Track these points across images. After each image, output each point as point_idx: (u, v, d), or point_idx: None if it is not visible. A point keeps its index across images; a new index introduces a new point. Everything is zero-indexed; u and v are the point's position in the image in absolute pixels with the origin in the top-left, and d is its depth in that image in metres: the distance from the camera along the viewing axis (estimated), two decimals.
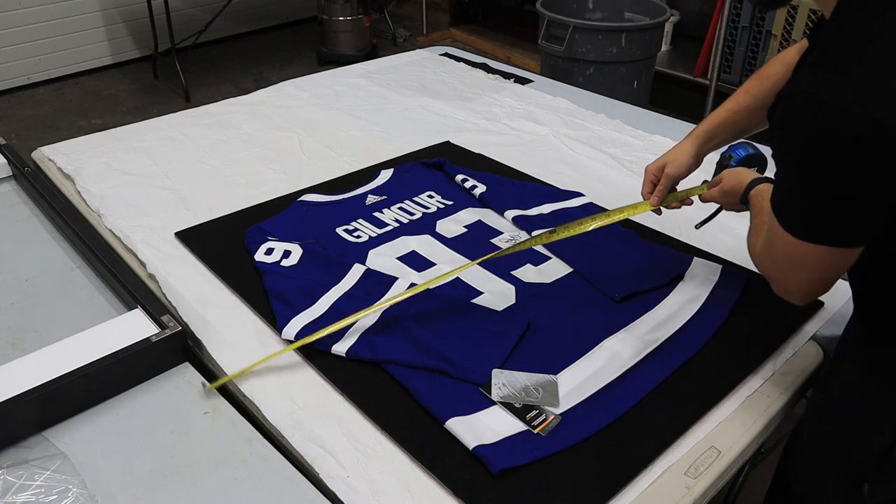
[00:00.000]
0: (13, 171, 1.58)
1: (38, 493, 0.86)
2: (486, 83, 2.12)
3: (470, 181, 1.52)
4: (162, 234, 1.37)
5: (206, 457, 0.93)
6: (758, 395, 1.02)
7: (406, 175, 1.57)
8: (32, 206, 1.49)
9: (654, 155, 1.26)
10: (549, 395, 0.98)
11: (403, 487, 0.88)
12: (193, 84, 3.96)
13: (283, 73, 4.18)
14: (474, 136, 1.78)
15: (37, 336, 1.13)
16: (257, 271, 1.23)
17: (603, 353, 1.06)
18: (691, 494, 0.88)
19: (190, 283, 1.24)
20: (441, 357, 1.04)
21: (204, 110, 1.95)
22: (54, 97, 3.97)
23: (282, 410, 0.99)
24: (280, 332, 1.10)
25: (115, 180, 1.57)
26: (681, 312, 1.14)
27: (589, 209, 1.42)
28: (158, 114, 1.95)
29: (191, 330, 1.13)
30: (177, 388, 1.04)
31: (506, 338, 1.08)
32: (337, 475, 0.89)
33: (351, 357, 1.06)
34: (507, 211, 1.42)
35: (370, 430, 0.96)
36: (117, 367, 1.00)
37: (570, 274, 1.25)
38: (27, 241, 1.38)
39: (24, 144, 3.08)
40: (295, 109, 1.93)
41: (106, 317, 1.13)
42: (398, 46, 4.66)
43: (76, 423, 0.97)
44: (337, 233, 1.37)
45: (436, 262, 1.28)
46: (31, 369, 0.98)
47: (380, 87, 2.10)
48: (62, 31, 4.06)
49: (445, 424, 0.94)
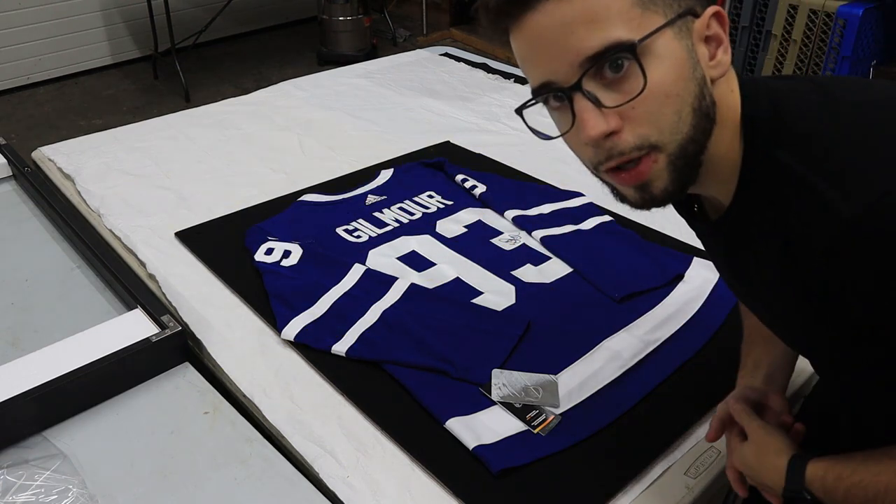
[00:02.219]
0: (13, 171, 1.58)
1: (38, 493, 0.86)
2: (486, 83, 2.12)
3: (470, 181, 1.52)
4: (162, 234, 1.37)
5: (206, 457, 0.93)
6: None
7: (406, 175, 1.57)
8: (32, 206, 1.49)
9: None
10: (549, 395, 0.98)
11: (403, 487, 0.88)
12: (193, 84, 3.95)
13: (283, 73, 4.18)
14: (474, 136, 1.78)
15: (37, 336, 1.13)
16: (257, 271, 1.23)
17: (603, 353, 1.06)
18: (691, 494, 0.88)
19: (190, 283, 1.24)
20: (441, 357, 1.04)
21: (204, 110, 1.95)
22: (54, 97, 3.97)
23: (282, 410, 0.99)
24: (280, 333, 1.10)
25: (115, 180, 1.57)
26: (681, 312, 1.14)
27: (589, 209, 1.42)
28: (158, 114, 1.95)
29: (191, 330, 1.13)
30: (177, 388, 1.03)
31: (506, 338, 1.08)
32: (337, 475, 0.89)
33: (351, 357, 1.06)
34: (507, 211, 1.42)
35: (370, 430, 0.96)
36: (117, 367, 1.00)
37: (570, 274, 1.25)
38: (27, 241, 1.38)
39: (24, 144, 3.07)
40: (295, 109, 1.93)
41: (106, 317, 1.13)
42: (398, 46, 4.65)
43: (76, 423, 0.97)
44: (337, 233, 1.37)
45: (436, 262, 1.28)
46: (31, 369, 0.98)
47: (380, 87, 2.10)
48: (62, 31, 4.05)
49: (445, 424, 0.94)
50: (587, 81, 0.61)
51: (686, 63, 0.61)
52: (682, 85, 0.61)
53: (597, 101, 0.61)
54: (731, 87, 0.66)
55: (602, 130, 0.61)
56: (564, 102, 0.63)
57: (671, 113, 0.61)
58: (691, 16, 0.62)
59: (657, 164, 0.63)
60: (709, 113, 0.63)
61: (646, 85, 0.59)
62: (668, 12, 0.60)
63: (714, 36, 0.63)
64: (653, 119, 0.61)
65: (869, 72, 2.98)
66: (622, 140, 0.62)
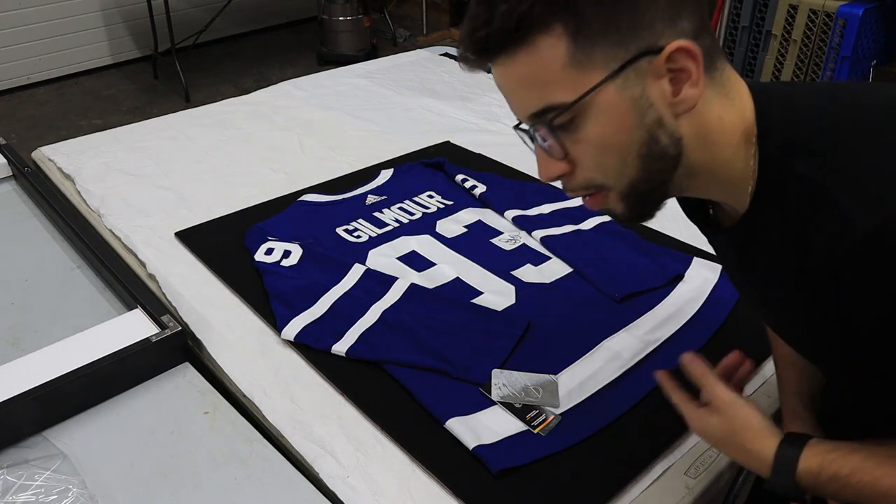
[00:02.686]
0: (13, 171, 1.58)
1: (38, 493, 0.86)
2: (486, 83, 2.12)
3: (470, 181, 1.52)
4: (162, 234, 1.37)
5: (206, 457, 0.93)
6: (758, 396, 1.02)
7: (406, 175, 1.57)
8: (32, 206, 1.49)
9: None
10: (549, 395, 0.98)
11: (403, 487, 0.88)
12: (193, 84, 3.95)
13: (283, 73, 4.18)
14: (474, 136, 1.78)
15: (37, 336, 1.13)
16: (257, 271, 1.23)
17: (603, 353, 1.06)
18: (691, 494, 0.88)
19: (190, 283, 1.24)
20: (441, 357, 1.04)
21: (204, 110, 1.95)
22: (54, 97, 3.97)
23: (282, 410, 0.99)
24: (280, 333, 1.10)
25: (115, 180, 1.57)
26: (681, 312, 1.14)
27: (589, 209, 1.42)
28: (158, 114, 1.95)
29: (191, 330, 1.13)
30: (177, 388, 1.03)
31: (506, 338, 1.08)
32: (337, 475, 0.89)
33: (351, 357, 1.06)
34: (507, 211, 1.42)
35: (370, 430, 0.96)
36: (117, 367, 1.00)
37: (570, 274, 1.25)
38: (27, 241, 1.38)
39: (24, 144, 3.07)
40: (295, 109, 1.93)
41: (106, 317, 1.13)
42: (398, 46, 4.65)
43: (76, 423, 0.97)
44: (337, 233, 1.37)
45: (436, 262, 1.28)
46: (31, 369, 0.98)
47: (380, 87, 2.10)
48: (62, 31, 4.05)
49: (445, 424, 0.94)
50: (538, 130, 0.65)
51: (628, 114, 0.62)
52: (625, 135, 0.63)
53: (546, 148, 0.66)
54: (734, 103, 0.64)
55: (550, 175, 0.68)
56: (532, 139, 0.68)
57: (614, 161, 0.65)
58: (649, 54, 0.60)
59: (608, 199, 0.69)
60: (666, 152, 0.64)
61: (583, 139, 0.64)
62: (611, 64, 0.60)
63: (680, 69, 0.61)
64: (595, 167, 0.66)
65: (869, 72, 2.98)
66: (572, 181, 0.68)
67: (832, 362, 0.73)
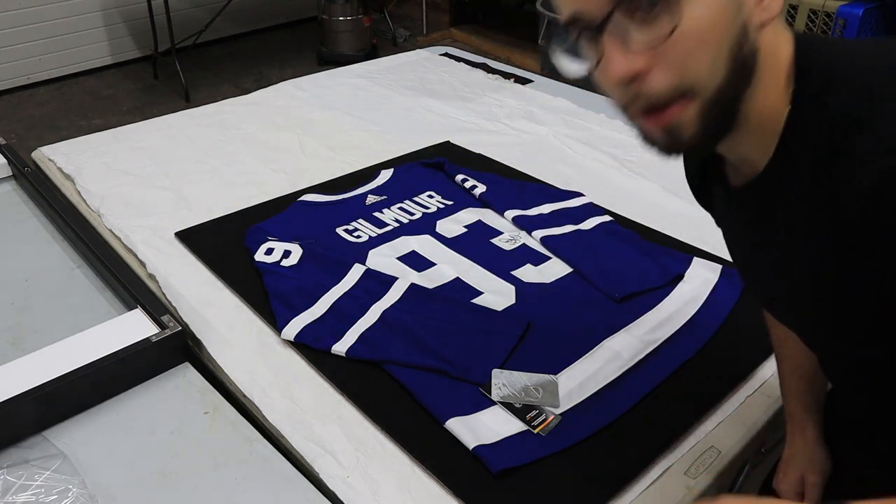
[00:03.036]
0: (13, 171, 1.58)
1: (38, 493, 0.86)
2: (486, 83, 2.12)
3: (470, 181, 1.52)
4: (162, 234, 1.37)
5: (206, 457, 0.93)
6: (758, 395, 1.02)
7: (406, 175, 1.57)
8: (32, 206, 1.49)
9: (654, 155, 1.25)
10: (549, 395, 0.98)
11: (403, 487, 0.88)
12: (193, 84, 3.95)
13: (283, 73, 4.18)
14: (474, 136, 1.78)
15: (37, 336, 1.13)
16: (257, 271, 1.23)
17: (603, 353, 1.06)
18: (691, 494, 0.88)
19: (190, 283, 1.24)
20: (441, 357, 1.04)
21: (204, 110, 1.95)
22: (54, 97, 3.97)
23: (282, 410, 0.99)
24: (280, 333, 1.10)
25: (115, 180, 1.57)
26: (681, 312, 1.14)
27: (589, 209, 1.42)
28: (158, 114, 1.95)
29: (191, 330, 1.13)
30: (177, 388, 1.04)
31: (506, 338, 1.08)
32: (337, 475, 0.89)
33: (351, 357, 1.06)
34: (507, 211, 1.42)
35: (370, 430, 0.96)
36: (117, 367, 1.00)
37: (570, 274, 1.25)
38: (27, 241, 1.38)
39: (24, 144, 3.07)
40: (295, 109, 1.93)
41: (106, 317, 1.13)
42: (398, 46, 4.66)
43: (76, 423, 0.97)
44: (337, 233, 1.37)
45: (436, 262, 1.28)
46: (31, 369, 0.98)
47: (380, 87, 2.10)
48: (62, 31, 4.06)
49: (445, 424, 0.94)
50: (617, 17, 0.55)
51: (728, 5, 0.55)
52: (721, 29, 0.55)
53: (625, 39, 0.55)
54: (781, 36, 0.60)
55: (626, 72, 0.56)
56: (593, 38, 0.57)
57: (707, 57, 0.55)
58: None
59: (687, 112, 0.58)
60: (747, 62, 0.57)
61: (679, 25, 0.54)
62: None
63: None
64: (685, 63, 0.55)
65: None
66: (650, 83, 0.56)
67: (834, 342, 0.68)
